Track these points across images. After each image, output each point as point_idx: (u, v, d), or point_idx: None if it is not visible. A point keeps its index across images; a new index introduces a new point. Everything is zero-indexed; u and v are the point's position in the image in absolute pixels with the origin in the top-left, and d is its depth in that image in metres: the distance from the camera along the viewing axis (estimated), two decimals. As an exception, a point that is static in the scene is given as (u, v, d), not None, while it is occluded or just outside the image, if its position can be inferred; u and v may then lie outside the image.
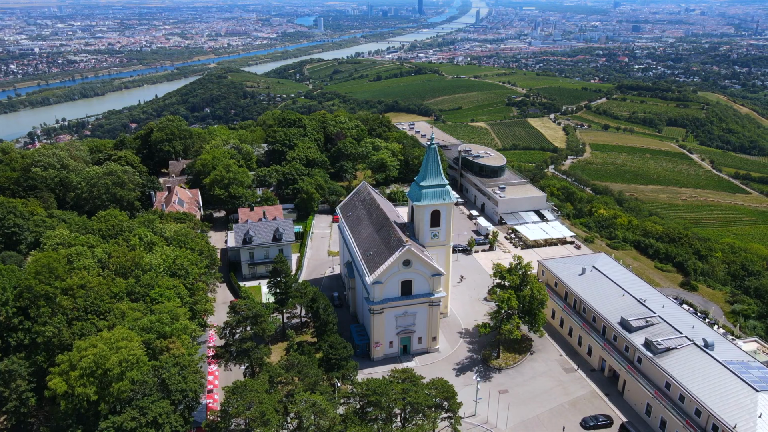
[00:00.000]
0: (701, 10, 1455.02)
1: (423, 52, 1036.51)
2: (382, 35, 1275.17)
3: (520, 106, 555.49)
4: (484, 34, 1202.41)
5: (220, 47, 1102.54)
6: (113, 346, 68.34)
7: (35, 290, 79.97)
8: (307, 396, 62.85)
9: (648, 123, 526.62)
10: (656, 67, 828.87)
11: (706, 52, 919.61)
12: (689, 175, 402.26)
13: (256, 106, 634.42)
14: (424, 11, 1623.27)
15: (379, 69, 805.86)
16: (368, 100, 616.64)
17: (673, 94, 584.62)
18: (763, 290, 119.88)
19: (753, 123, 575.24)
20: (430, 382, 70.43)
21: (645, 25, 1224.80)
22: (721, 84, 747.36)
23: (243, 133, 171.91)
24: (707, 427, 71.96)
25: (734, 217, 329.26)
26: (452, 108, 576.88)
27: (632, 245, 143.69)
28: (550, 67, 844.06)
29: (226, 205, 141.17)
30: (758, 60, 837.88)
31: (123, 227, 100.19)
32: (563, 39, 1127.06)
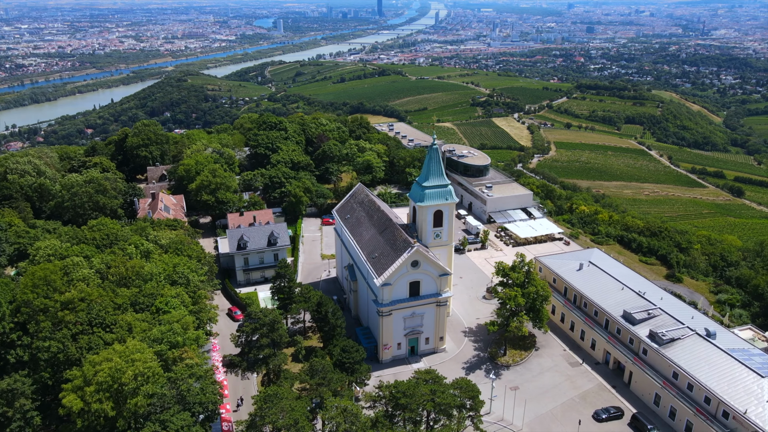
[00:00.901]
0: (650, 12, 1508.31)
1: (384, 53, 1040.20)
2: (342, 37, 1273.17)
3: (485, 106, 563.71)
4: (444, 36, 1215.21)
5: (178, 50, 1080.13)
6: (128, 359, 66.00)
7: (34, 304, 76.58)
8: (337, 401, 62.07)
9: (607, 121, 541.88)
10: (611, 67, 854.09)
11: (656, 52, 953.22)
12: (650, 171, 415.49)
13: (218, 109, 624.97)
14: (383, 13, 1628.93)
15: (342, 71, 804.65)
16: (333, 102, 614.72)
17: (629, 93, 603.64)
18: (744, 280, 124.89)
19: (705, 120, 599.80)
20: (454, 382, 70.57)
21: (598, 26, 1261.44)
22: (673, 83, 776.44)
23: (224, 137, 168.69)
24: (717, 413, 74.48)
25: (694, 210, 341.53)
26: (418, 109, 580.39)
27: (615, 240, 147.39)
28: (510, 68, 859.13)
29: (213, 210, 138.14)
30: (706, 59, 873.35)
31: (117, 236, 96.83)
32: (521, 40, 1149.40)
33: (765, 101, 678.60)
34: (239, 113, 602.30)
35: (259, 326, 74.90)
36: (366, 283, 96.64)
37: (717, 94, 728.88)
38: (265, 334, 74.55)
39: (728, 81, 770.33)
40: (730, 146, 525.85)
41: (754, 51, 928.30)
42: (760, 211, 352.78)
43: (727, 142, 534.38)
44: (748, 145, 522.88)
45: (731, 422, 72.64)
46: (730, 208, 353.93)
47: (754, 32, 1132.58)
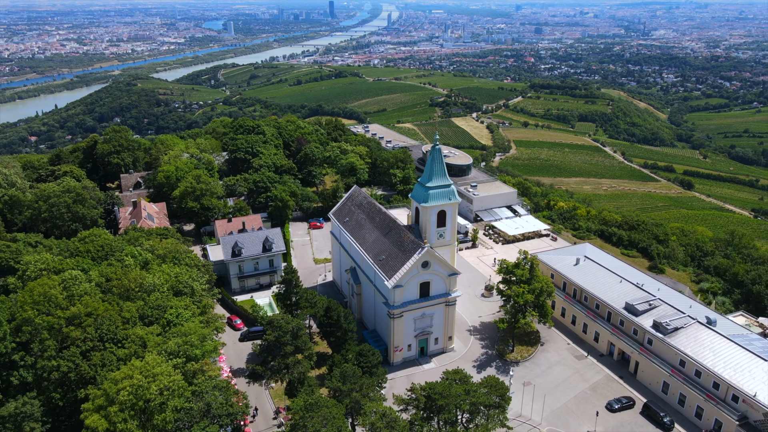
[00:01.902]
0: (594, 13, 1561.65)
1: (338, 55, 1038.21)
2: (295, 39, 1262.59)
3: (443, 106, 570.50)
4: (397, 37, 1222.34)
5: (124, 53, 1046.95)
6: (149, 374, 63.36)
7: (36, 322, 72.51)
8: (376, 406, 61.35)
9: (562, 119, 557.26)
10: (560, 67, 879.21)
11: (602, 52, 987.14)
12: (605, 167, 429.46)
13: (171, 114, 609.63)
14: (335, 15, 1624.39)
15: (298, 73, 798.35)
16: (290, 104, 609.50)
17: (581, 92, 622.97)
18: (722, 268, 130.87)
19: (652, 116, 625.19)
20: (483, 380, 70.95)
21: (546, 27, 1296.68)
22: (619, 81, 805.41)
23: (201, 142, 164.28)
24: (727, 397, 77.65)
25: (650, 203, 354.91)
26: (377, 110, 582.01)
27: (596, 234, 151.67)
28: (464, 68, 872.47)
29: (198, 217, 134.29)
30: (648, 59, 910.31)
31: (113, 247, 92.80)
32: (472, 41, 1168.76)
33: (705, 98, 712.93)
34: (194, 117, 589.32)
35: (282, 333, 73.17)
36: (373, 286, 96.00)
37: (661, 92, 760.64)
38: (289, 342, 72.91)
39: (670, 79, 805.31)
40: (677, 141, 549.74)
41: (692, 50, 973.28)
42: (709, 202, 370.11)
43: (674, 138, 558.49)
44: (692, 140, 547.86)
45: (741, 405, 75.86)
46: (682, 200, 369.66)
47: (691, 32, 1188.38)
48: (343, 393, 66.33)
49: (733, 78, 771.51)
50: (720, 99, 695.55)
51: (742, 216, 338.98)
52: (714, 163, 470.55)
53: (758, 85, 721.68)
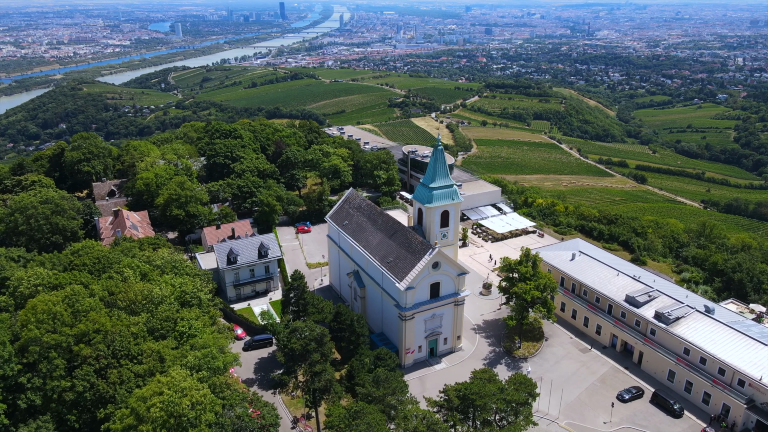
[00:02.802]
0: (540, 14, 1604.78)
1: (292, 57, 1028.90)
2: (246, 41, 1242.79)
3: (402, 106, 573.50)
4: (350, 38, 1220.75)
5: (66, 56, 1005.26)
6: (178, 390, 60.90)
7: (44, 341, 68.54)
8: (416, 410, 60.88)
9: (518, 117, 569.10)
10: (512, 66, 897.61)
11: (550, 52, 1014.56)
12: (563, 163, 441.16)
13: (121, 119, 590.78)
14: (286, 16, 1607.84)
15: (252, 75, 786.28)
16: (247, 107, 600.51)
17: (534, 91, 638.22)
18: (700, 258, 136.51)
19: (602, 114, 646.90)
20: (511, 378, 71.50)
21: (495, 28, 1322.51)
22: (569, 80, 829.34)
23: (178, 147, 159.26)
24: (733, 382, 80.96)
25: (608, 198, 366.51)
26: (335, 112, 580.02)
27: (577, 230, 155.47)
28: (418, 69, 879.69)
29: (183, 225, 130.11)
30: (594, 58, 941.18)
31: (109, 259, 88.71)
32: (425, 42, 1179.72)
33: (650, 95, 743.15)
34: (146, 122, 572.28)
35: (308, 341, 71.61)
36: (381, 289, 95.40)
37: (608, 90, 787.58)
38: (315, 349, 71.44)
39: (616, 78, 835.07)
40: (627, 137, 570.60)
41: (635, 50, 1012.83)
42: (662, 195, 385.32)
43: (624, 134, 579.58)
44: (641, 135, 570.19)
45: (748, 389, 79.25)
46: (637, 194, 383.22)
47: (632, 32, 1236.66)
48: (376, 398, 65.51)
49: (673, 76, 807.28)
50: (663, 96, 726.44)
51: (693, 207, 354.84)
52: (663, 158, 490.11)
53: (697, 83, 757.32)
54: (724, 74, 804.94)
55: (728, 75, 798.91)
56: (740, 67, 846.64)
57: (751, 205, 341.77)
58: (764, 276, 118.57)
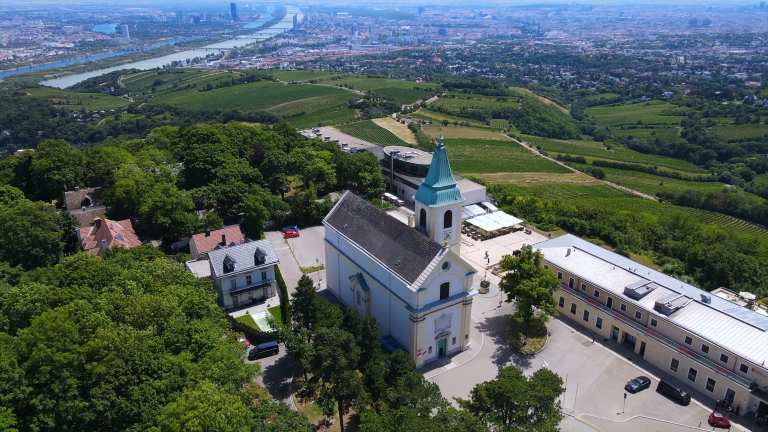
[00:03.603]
0: (492, 15, 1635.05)
1: (246, 58, 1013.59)
2: (197, 42, 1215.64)
3: (363, 107, 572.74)
4: (304, 40, 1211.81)
5: (5, 60, 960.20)
6: (212, 403, 58.79)
7: (56, 360, 65.00)
8: (456, 412, 60.62)
9: (477, 116, 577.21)
10: (467, 66, 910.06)
11: (503, 52, 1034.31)
12: (525, 161, 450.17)
13: (70, 124, 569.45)
14: (238, 17, 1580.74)
15: (206, 78, 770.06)
16: (203, 111, 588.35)
17: (492, 90, 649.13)
18: (679, 249, 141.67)
19: (557, 112, 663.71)
20: (536, 374, 72.24)
21: (448, 28, 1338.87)
22: (522, 79, 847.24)
23: (155, 153, 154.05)
24: (736, 368, 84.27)
25: (570, 193, 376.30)
26: (295, 114, 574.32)
27: (558, 225, 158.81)
28: (375, 69, 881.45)
29: (170, 233, 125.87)
30: (546, 58, 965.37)
31: (108, 271, 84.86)
32: (380, 42, 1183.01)
33: (600, 93, 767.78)
34: (96, 127, 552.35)
35: (334, 347, 70.25)
36: (388, 291, 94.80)
37: (560, 89, 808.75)
38: (343, 355, 70.15)
39: (567, 77, 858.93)
40: (582, 134, 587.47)
41: (583, 49, 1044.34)
42: (620, 190, 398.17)
43: (579, 131, 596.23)
44: (594, 132, 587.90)
45: (751, 374, 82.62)
46: (596, 189, 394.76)
47: (580, 32, 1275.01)
48: (408, 400, 64.97)
49: (621, 74, 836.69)
50: (613, 94, 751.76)
51: (650, 201, 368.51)
52: (617, 154, 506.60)
53: (643, 80, 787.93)
54: (668, 72, 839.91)
55: (671, 73, 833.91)
56: (682, 65, 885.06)
57: (702, 197, 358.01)
58: (744, 265, 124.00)
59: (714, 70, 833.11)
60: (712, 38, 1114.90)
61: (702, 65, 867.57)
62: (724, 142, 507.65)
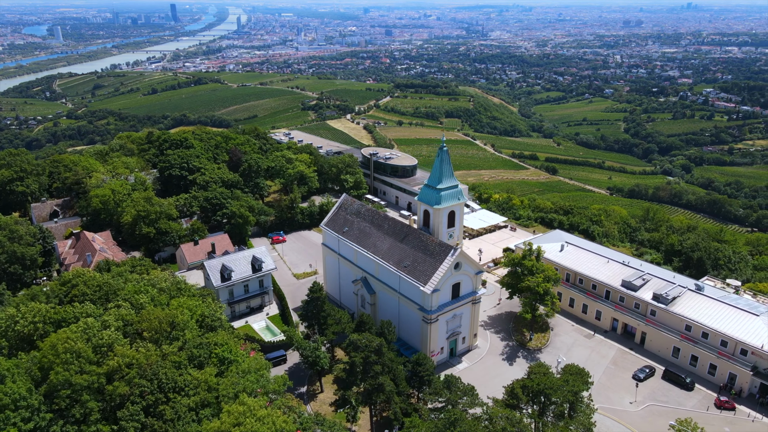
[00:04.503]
0: (436, 16, 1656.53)
1: (189, 61, 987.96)
2: (137, 45, 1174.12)
3: (316, 109, 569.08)
4: (249, 41, 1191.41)
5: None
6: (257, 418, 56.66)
7: (76, 383, 61.08)
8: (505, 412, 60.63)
9: (430, 116, 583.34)
10: (415, 67, 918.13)
11: (450, 52, 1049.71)
12: (481, 159, 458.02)
13: (3, 132, 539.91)
14: (178, 18, 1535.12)
15: (150, 81, 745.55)
16: (149, 115, 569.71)
17: (443, 90, 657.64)
18: (655, 241, 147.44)
19: (507, 110, 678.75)
20: (565, 369, 73.20)
21: (395, 29, 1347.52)
22: (470, 79, 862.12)
23: (128, 160, 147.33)
24: (736, 352, 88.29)
25: (528, 189, 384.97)
26: (247, 117, 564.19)
27: (537, 221, 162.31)
28: (323, 71, 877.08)
29: (154, 243, 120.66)
30: (491, 58, 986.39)
31: (111, 286, 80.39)
32: (327, 44, 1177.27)
33: (545, 92, 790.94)
34: (33, 135, 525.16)
35: (367, 354, 68.85)
36: (398, 294, 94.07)
37: (507, 88, 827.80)
38: (376, 361, 68.86)
39: (513, 76, 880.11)
40: (532, 132, 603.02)
41: (526, 49, 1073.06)
42: (573, 185, 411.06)
43: (529, 129, 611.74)
44: (543, 130, 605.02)
45: (751, 357, 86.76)
46: (551, 184, 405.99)
47: (522, 33, 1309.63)
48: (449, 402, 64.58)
49: (563, 73, 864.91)
50: (558, 92, 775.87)
51: (602, 195, 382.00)
52: (567, 150, 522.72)
53: (585, 79, 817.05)
54: (607, 71, 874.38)
55: (610, 71, 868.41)
56: (619, 63, 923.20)
57: (650, 190, 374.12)
58: (719, 253, 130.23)
59: (649, 68, 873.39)
60: (645, 38, 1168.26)
61: (638, 63, 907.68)
62: (664, 136, 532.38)
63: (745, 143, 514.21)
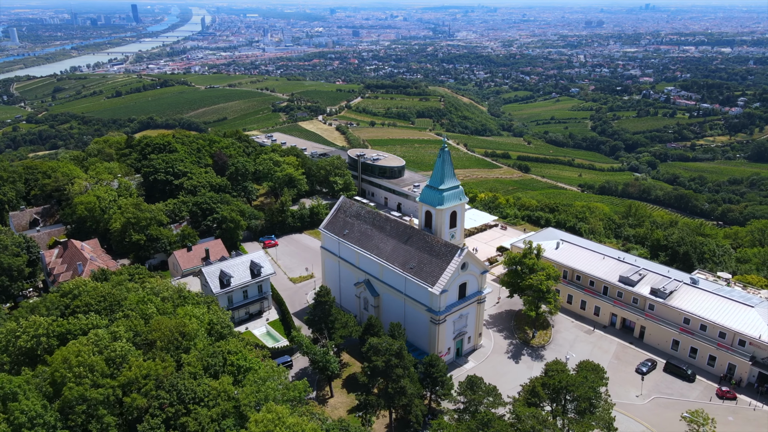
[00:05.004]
0: (403, 17, 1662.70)
1: (153, 63, 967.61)
2: (98, 46, 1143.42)
3: (287, 111, 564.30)
4: (215, 42, 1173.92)
5: None
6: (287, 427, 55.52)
7: (92, 398, 58.88)
8: (530, 410, 60.82)
9: (402, 116, 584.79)
10: (384, 67, 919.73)
11: (418, 53, 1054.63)
12: (454, 158, 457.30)
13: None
14: (140, 19, 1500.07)
15: (114, 83, 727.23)
16: (115, 119, 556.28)
17: (413, 90, 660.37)
18: (640, 237, 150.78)
19: (477, 110, 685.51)
20: (581, 365, 73.89)
21: (362, 30, 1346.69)
22: (439, 79, 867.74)
23: (111, 166, 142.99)
24: (734, 343, 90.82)
25: (502, 187, 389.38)
26: (217, 119, 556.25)
27: (524, 219, 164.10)
28: (292, 72, 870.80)
29: (145, 251, 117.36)
30: (459, 58, 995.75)
31: (115, 296, 77.74)
32: (294, 45, 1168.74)
33: (513, 91, 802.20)
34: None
35: (389, 357, 68.15)
36: (404, 295, 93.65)
37: (476, 87, 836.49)
38: (397, 364, 68.22)
39: (481, 75, 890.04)
40: (502, 131, 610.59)
41: (492, 49, 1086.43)
42: (545, 182, 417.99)
43: (499, 128, 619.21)
44: (513, 128, 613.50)
45: (749, 347, 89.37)
46: (525, 182, 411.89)
47: (488, 33, 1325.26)
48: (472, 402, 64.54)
49: (530, 72, 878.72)
50: (525, 91, 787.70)
51: (574, 192, 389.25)
52: (537, 148, 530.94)
53: (551, 78, 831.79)
54: (571, 70, 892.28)
55: (575, 71, 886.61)
56: (583, 63, 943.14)
57: (620, 186, 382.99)
58: (705, 247, 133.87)
59: (611, 67, 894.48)
60: (607, 38, 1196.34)
61: (601, 63, 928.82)
62: (629, 134, 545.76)
63: (707, 140, 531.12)
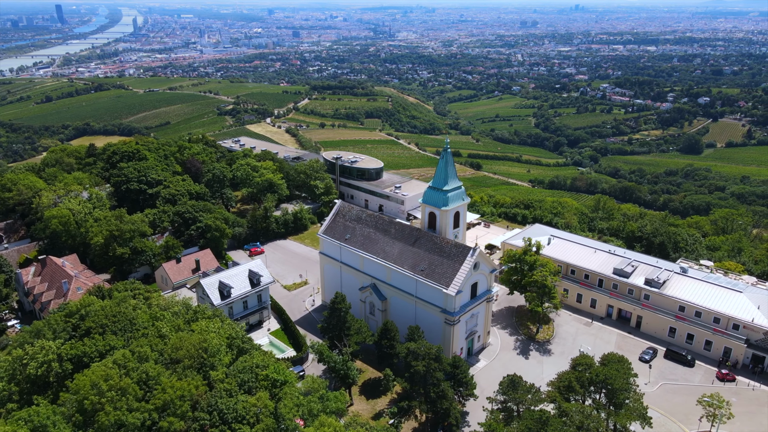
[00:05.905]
0: (343, 17, 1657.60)
1: (83, 66, 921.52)
2: (20, 49, 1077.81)
3: (233, 114, 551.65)
4: (148, 44, 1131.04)
5: None
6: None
7: (130, 423, 55.17)
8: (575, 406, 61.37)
9: (351, 117, 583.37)
10: (327, 68, 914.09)
11: (360, 53, 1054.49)
12: (408, 157, 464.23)
13: None
14: (66, 20, 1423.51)
15: (43, 88, 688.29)
16: (47, 125, 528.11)
17: (360, 91, 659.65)
18: (614, 229, 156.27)
19: (424, 109, 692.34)
20: (606, 358, 75.32)
21: (302, 30, 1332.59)
22: (383, 79, 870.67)
23: (79, 176, 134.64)
24: (728, 327, 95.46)
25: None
26: (159, 124, 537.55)
27: (501, 216, 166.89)
28: (232, 74, 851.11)
29: (130, 264, 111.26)
30: (401, 58, 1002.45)
31: (126, 315, 73.06)
32: (232, 46, 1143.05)
33: (457, 90, 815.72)
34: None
35: (428, 361, 67.12)
36: (415, 298, 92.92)
37: (420, 87, 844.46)
38: (438, 368, 67.30)
39: (424, 75, 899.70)
40: (450, 129, 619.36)
41: (433, 49, 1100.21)
42: (497, 179, 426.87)
43: (447, 127, 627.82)
44: (460, 127, 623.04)
45: (743, 331, 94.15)
46: (478, 179, 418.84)
47: (427, 33, 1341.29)
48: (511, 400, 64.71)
49: (471, 72, 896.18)
50: (469, 90, 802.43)
51: (525, 187, 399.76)
52: (485, 146, 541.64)
53: (492, 77, 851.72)
54: (511, 69, 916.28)
55: (514, 69, 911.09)
56: (521, 62, 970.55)
57: (568, 181, 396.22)
58: (678, 237, 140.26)
59: (548, 65, 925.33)
60: (542, 38, 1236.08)
61: (538, 62, 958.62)
62: (571, 129, 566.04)
63: (642, 134, 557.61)
